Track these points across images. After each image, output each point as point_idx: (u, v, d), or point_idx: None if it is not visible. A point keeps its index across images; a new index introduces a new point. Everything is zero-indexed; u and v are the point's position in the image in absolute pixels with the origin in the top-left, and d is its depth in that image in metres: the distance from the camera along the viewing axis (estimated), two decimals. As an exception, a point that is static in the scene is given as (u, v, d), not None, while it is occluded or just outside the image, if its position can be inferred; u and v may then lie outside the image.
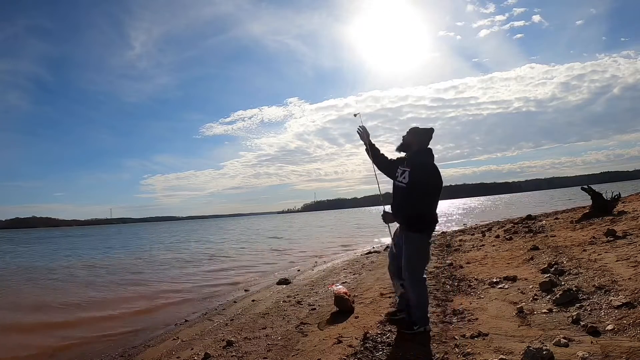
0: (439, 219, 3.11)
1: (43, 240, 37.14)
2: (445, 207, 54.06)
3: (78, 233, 58.11)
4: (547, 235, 6.80)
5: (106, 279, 9.54)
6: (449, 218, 25.16)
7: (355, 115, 3.47)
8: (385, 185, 3.39)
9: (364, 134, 3.41)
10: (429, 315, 3.12)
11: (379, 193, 3.40)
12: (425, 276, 3.11)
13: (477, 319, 3.21)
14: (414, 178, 3.01)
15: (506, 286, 4.04)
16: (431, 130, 3.14)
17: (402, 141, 3.21)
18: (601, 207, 7.91)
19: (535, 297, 3.51)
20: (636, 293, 2.96)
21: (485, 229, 11.21)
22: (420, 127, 3.15)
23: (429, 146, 3.14)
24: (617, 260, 3.98)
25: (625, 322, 2.59)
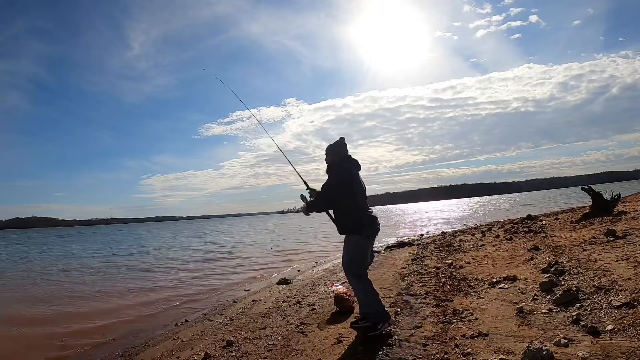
0: (377, 221, 3.17)
1: (31, 240, 37.14)
2: (445, 207, 54.06)
3: (76, 233, 58.09)
4: (547, 235, 6.80)
5: (105, 280, 9.54)
6: (449, 218, 25.16)
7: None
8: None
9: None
10: (387, 309, 3.12)
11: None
12: (367, 272, 3.18)
13: (477, 319, 3.21)
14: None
15: (506, 286, 4.04)
16: (340, 140, 3.30)
17: (327, 164, 3.32)
18: (601, 207, 7.91)
19: (535, 297, 3.51)
20: (636, 293, 2.96)
21: (485, 229, 11.22)
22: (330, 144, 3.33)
23: (348, 154, 3.27)
24: (617, 260, 3.98)
25: (625, 322, 2.59)
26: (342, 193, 3.08)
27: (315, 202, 3.20)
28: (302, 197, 3.34)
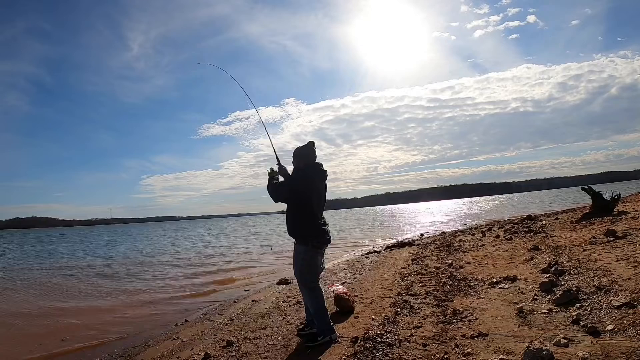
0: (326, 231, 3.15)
1: (30, 240, 37.12)
2: (445, 207, 54.06)
3: (75, 233, 58.06)
4: (547, 235, 6.80)
5: (104, 279, 9.54)
6: (449, 218, 25.16)
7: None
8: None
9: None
10: (330, 323, 3.14)
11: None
12: (319, 284, 3.20)
13: (477, 319, 3.21)
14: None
15: (506, 286, 4.04)
16: (308, 145, 3.20)
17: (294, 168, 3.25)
18: (601, 207, 7.91)
19: (535, 297, 3.51)
20: (636, 293, 2.96)
21: (485, 229, 11.21)
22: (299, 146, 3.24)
23: (316, 160, 3.18)
24: (617, 260, 3.98)
25: (625, 322, 2.59)
26: (296, 199, 3.08)
27: (271, 189, 3.15)
28: (272, 172, 3.22)
